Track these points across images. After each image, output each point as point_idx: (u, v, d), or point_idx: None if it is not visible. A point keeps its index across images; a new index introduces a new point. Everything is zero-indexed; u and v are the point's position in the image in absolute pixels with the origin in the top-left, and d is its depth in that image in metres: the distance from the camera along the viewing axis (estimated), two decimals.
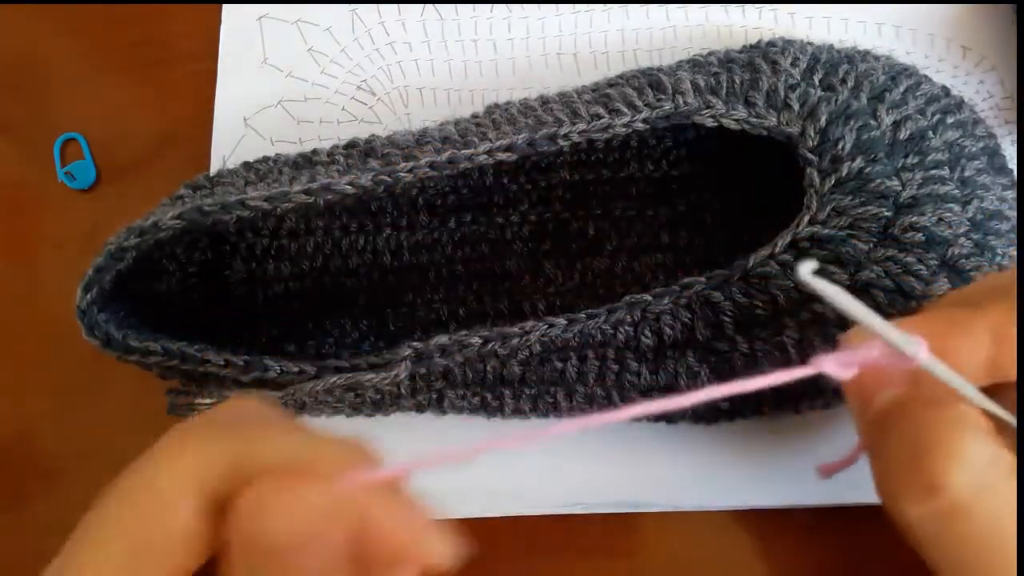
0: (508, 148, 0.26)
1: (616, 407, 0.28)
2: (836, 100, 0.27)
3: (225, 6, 0.37)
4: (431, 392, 0.28)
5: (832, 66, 0.29)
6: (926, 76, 0.30)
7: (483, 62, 0.36)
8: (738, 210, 0.32)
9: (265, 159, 0.30)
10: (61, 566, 0.18)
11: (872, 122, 0.27)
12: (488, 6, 0.36)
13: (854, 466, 0.24)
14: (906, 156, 0.27)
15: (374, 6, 0.36)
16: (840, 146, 0.26)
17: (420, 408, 0.29)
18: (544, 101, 0.29)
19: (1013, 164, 0.30)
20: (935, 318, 0.21)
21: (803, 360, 0.26)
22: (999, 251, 0.27)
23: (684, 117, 0.27)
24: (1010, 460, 0.19)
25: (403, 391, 0.27)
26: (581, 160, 0.32)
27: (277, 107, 0.35)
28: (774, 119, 0.27)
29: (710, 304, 0.26)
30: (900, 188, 0.26)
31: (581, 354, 0.27)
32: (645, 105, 0.27)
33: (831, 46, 0.31)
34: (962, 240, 0.26)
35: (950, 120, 0.28)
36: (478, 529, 0.20)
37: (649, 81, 0.29)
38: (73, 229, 0.36)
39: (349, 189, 0.26)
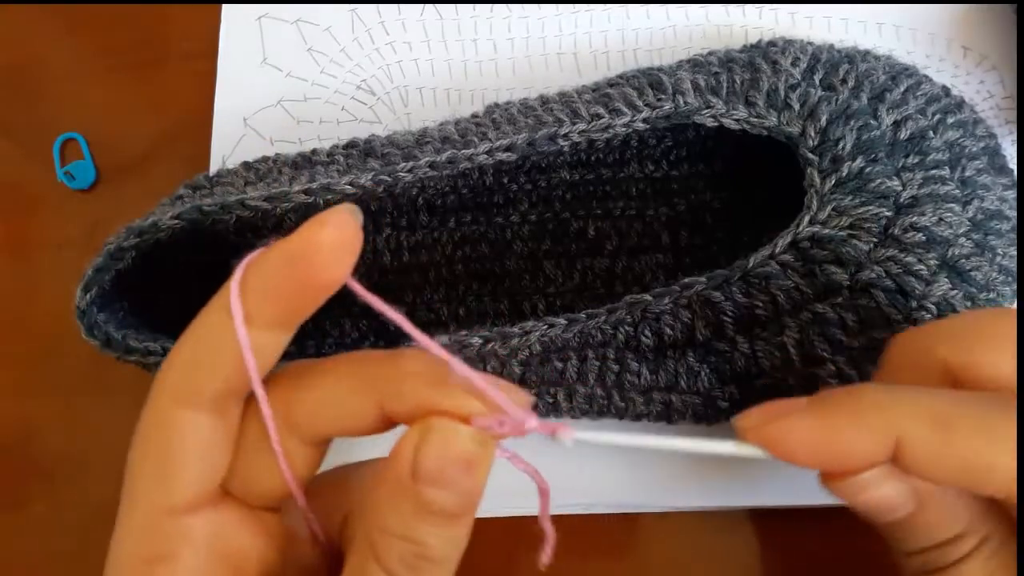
0: (508, 148, 0.26)
1: (616, 408, 0.28)
2: (836, 100, 0.27)
3: (225, 6, 0.37)
4: None
5: (832, 66, 0.29)
6: (926, 76, 0.30)
7: (483, 62, 0.36)
8: (738, 210, 0.32)
9: (265, 159, 0.30)
10: None
11: (872, 122, 0.27)
12: (488, 6, 0.36)
13: None
14: (906, 156, 0.27)
15: (374, 6, 0.36)
16: (840, 146, 0.26)
17: None
18: (544, 101, 0.29)
19: (1013, 164, 0.30)
20: (831, 401, 0.19)
21: (804, 362, 0.26)
22: (999, 251, 0.27)
23: (684, 117, 0.27)
24: None
25: None
26: (581, 160, 0.32)
27: (277, 107, 0.35)
28: (774, 119, 0.27)
29: (710, 304, 0.26)
30: (900, 188, 0.26)
31: (581, 354, 0.27)
32: (645, 105, 0.27)
33: (831, 46, 0.31)
34: (962, 240, 0.26)
35: (950, 120, 0.28)
36: (478, 529, 0.20)
37: (649, 81, 0.29)
38: (73, 229, 0.36)
39: (349, 189, 0.26)
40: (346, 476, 0.22)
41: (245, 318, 0.18)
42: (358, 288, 0.18)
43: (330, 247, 0.18)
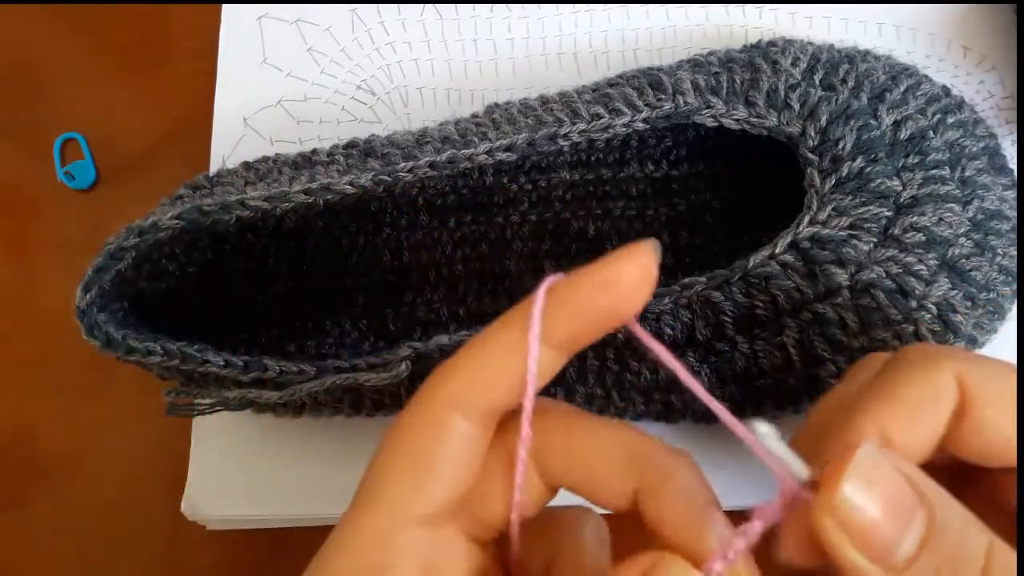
0: (508, 148, 0.26)
1: (616, 408, 0.28)
2: (836, 100, 0.27)
3: (225, 6, 0.37)
4: None
5: (832, 66, 0.29)
6: (926, 76, 0.30)
7: (483, 62, 0.36)
8: (738, 210, 0.32)
9: (265, 159, 0.30)
10: None
11: (872, 122, 0.27)
12: (488, 6, 0.36)
13: None
14: (907, 156, 0.27)
15: (374, 6, 0.36)
16: (840, 146, 0.26)
17: None
18: (544, 101, 0.29)
19: (1013, 164, 0.29)
20: (879, 398, 0.19)
21: (804, 362, 0.26)
22: (999, 251, 0.27)
23: (684, 117, 0.27)
24: None
25: (403, 391, 0.27)
26: (581, 160, 0.32)
27: (277, 107, 0.35)
28: (774, 119, 0.27)
29: (710, 304, 0.26)
30: (900, 188, 0.26)
31: (581, 354, 0.27)
32: (645, 105, 0.27)
33: (831, 46, 0.31)
34: (962, 240, 0.26)
35: (951, 120, 0.28)
36: None
37: (649, 81, 0.29)
38: (73, 229, 0.36)
39: (349, 189, 0.26)
40: (555, 519, 0.22)
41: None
42: (639, 331, 0.19)
43: (635, 280, 0.18)
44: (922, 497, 0.17)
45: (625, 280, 0.18)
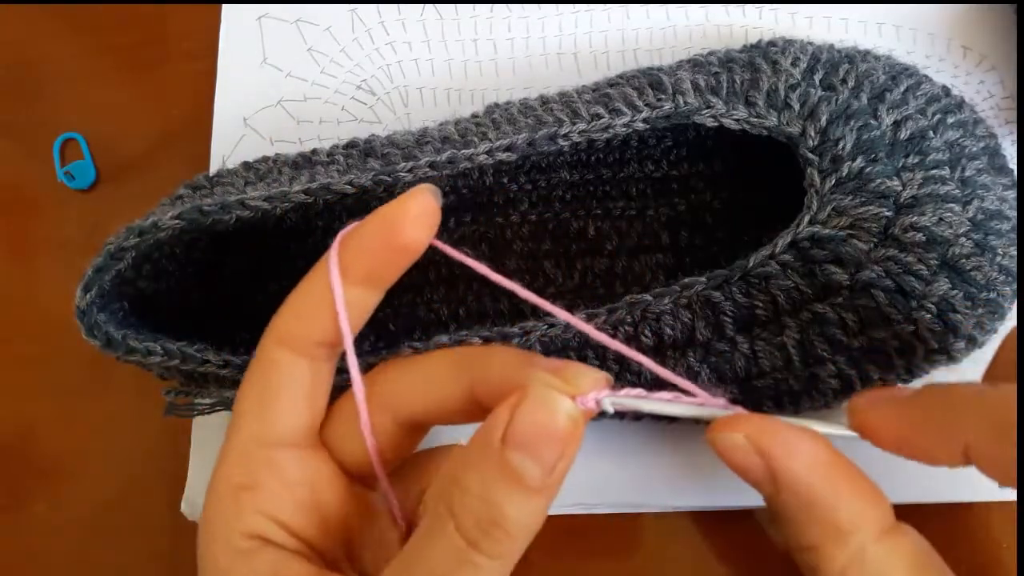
0: (508, 148, 0.26)
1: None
2: (836, 100, 0.27)
3: (225, 6, 0.37)
4: None
5: (832, 66, 0.29)
6: (926, 76, 0.30)
7: (483, 62, 0.36)
8: (738, 210, 0.32)
9: (265, 159, 0.30)
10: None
11: (872, 122, 0.27)
12: (488, 6, 0.36)
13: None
14: (906, 156, 0.27)
15: (374, 6, 0.36)
16: (840, 146, 0.26)
17: None
18: (544, 101, 0.29)
19: (1013, 164, 0.29)
20: (920, 403, 0.21)
21: (804, 362, 0.26)
22: (999, 251, 0.26)
23: (684, 117, 0.27)
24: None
25: None
26: (581, 160, 0.32)
27: (277, 107, 0.35)
28: (774, 119, 0.27)
29: (710, 304, 0.26)
30: (900, 188, 0.26)
31: (581, 354, 0.27)
32: (645, 105, 0.27)
33: (831, 46, 0.31)
34: (962, 240, 0.26)
35: (951, 120, 0.28)
36: None
37: (649, 81, 0.29)
38: (73, 229, 0.36)
39: (349, 189, 0.26)
40: (428, 457, 0.24)
41: (341, 272, 0.21)
42: (443, 246, 0.22)
43: (413, 216, 0.21)
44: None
45: (407, 217, 0.21)
